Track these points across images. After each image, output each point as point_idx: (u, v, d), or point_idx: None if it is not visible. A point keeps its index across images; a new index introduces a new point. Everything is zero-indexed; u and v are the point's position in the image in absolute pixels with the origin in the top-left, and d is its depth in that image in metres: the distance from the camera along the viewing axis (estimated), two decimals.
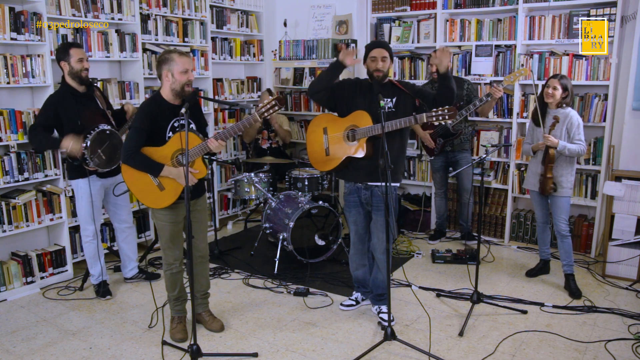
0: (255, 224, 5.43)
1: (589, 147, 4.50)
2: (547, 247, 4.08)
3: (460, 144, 4.69)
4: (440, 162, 4.81)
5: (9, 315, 3.57)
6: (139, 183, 3.01)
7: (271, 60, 6.01)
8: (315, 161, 3.43)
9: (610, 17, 4.24)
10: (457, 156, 4.72)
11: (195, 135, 2.97)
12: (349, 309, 3.58)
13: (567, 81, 3.72)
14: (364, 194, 3.33)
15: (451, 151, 4.71)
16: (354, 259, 3.57)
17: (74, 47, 3.59)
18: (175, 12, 4.91)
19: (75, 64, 3.55)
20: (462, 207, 4.87)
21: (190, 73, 2.96)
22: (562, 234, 3.80)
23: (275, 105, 2.90)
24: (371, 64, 3.23)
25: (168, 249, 3.14)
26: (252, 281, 4.11)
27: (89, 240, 3.78)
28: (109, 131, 3.61)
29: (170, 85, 2.95)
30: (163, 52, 2.99)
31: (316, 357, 3.02)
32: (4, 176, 3.72)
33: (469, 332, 3.27)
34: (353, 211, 3.42)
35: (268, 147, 5.30)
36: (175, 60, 2.91)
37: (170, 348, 3.10)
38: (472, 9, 4.90)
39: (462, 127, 4.61)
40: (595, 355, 3.00)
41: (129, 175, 3.02)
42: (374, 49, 3.23)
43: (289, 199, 4.45)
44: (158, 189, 3.00)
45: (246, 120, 2.95)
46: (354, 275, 3.62)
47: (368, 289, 3.59)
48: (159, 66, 2.95)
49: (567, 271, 3.84)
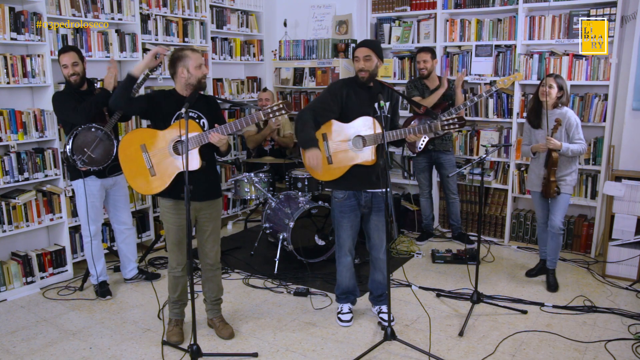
0: (255, 224, 5.43)
1: (589, 147, 4.51)
2: (547, 247, 4.07)
3: (442, 143, 4.68)
4: (424, 163, 4.81)
5: (9, 315, 3.57)
6: (132, 165, 3.01)
7: (271, 60, 6.01)
8: (318, 173, 3.21)
9: (610, 17, 4.24)
10: (441, 157, 4.71)
11: (196, 124, 2.97)
12: (348, 324, 3.38)
13: (562, 80, 3.73)
14: (364, 196, 3.24)
15: (434, 150, 4.69)
16: (348, 268, 3.37)
17: (62, 52, 3.57)
18: (175, 12, 4.91)
19: (62, 70, 3.57)
20: (449, 206, 4.88)
21: (204, 67, 3.02)
22: (557, 231, 3.81)
23: (283, 109, 2.90)
24: (356, 64, 3.16)
25: (172, 252, 3.13)
26: (252, 281, 4.11)
27: (88, 240, 3.78)
28: (93, 128, 3.55)
29: (187, 81, 2.97)
30: (176, 50, 3.01)
31: (316, 357, 3.02)
32: (4, 176, 3.72)
33: (469, 332, 3.27)
34: (351, 215, 3.26)
35: (269, 148, 5.30)
36: (189, 56, 2.96)
37: (170, 348, 3.10)
38: (472, 9, 4.90)
39: None
40: (595, 355, 3.00)
41: (125, 155, 3.03)
42: (357, 49, 3.17)
43: (289, 199, 4.45)
44: (149, 173, 2.99)
45: (249, 117, 2.94)
46: (346, 286, 3.41)
47: (356, 293, 3.50)
48: (174, 64, 2.97)
49: (551, 266, 3.92)
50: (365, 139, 3.12)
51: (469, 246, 4.74)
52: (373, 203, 3.26)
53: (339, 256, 3.39)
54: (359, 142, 3.14)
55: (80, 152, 3.52)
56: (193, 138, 2.91)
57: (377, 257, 3.36)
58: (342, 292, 3.44)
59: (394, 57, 5.39)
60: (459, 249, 4.64)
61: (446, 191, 4.85)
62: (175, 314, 3.26)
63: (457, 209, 4.85)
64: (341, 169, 3.16)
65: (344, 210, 3.25)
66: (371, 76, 3.15)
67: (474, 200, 5.06)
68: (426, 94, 4.64)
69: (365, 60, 3.12)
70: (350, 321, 3.38)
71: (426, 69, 4.59)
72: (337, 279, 3.44)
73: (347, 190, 3.23)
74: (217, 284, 3.28)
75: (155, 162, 2.99)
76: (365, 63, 3.12)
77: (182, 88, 3.02)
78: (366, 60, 3.12)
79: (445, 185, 4.83)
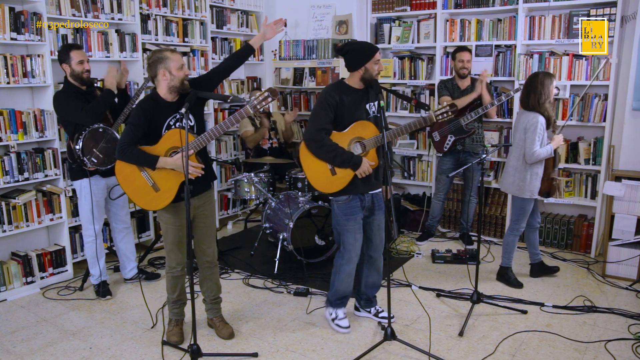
0: (255, 224, 5.43)
1: (589, 147, 4.52)
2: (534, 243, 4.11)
3: (471, 144, 4.60)
4: (449, 164, 4.71)
5: (9, 315, 3.57)
6: (134, 185, 2.95)
7: (271, 60, 6.01)
8: (320, 185, 3.10)
9: (610, 17, 4.24)
10: (469, 160, 4.58)
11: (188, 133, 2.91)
12: (348, 330, 3.30)
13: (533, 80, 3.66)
14: (367, 198, 3.19)
15: (462, 151, 4.63)
16: (350, 274, 3.25)
17: (74, 49, 3.58)
18: (175, 12, 4.91)
19: (76, 66, 3.55)
20: (464, 205, 4.86)
21: (185, 68, 2.93)
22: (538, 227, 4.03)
23: (269, 97, 2.82)
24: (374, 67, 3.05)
25: (171, 251, 3.10)
26: (252, 281, 4.11)
27: (91, 240, 3.78)
28: (101, 129, 3.59)
29: (169, 83, 2.88)
30: (154, 52, 2.91)
31: (316, 357, 3.02)
32: (4, 176, 3.72)
33: (469, 332, 3.27)
34: (357, 217, 3.14)
35: (269, 147, 5.30)
36: (170, 57, 2.86)
37: (170, 348, 3.10)
38: (472, 9, 4.89)
39: (475, 126, 4.56)
40: (595, 355, 3.00)
41: (123, 177, 2.96)
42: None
43: (289, 199, 4.45)
44: (153, 190, 2.94)
45: (238, 113, 2.87)
46: (344, 291, 3.30)
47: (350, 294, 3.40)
48: (153, 66, 2.88)
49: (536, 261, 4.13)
50: (365, 144, 3.09)
51: (468, 247, 4.75)
52: (374, 203, 3.23)
53: (341, 263, 3.22)
54: (358, 147, 3.09)
55: (90, 153, 3.54)
56: (191, 145, 2.86)
57: (377, 258, 3.33)
58: (340, 297, 3.33)
59: (394, 57, 5.39)
60: (459, 249, 4.64)
61: (465, 190, 4.83)
62: (175, 314, 3.25)
63: (473, 210, 4.83)
64: (346, 178, 3.07)
65: (349, 212, 3.13)
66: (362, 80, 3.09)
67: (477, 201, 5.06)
68: (456, 94, 4.58)
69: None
70: (349, 327, 3.30)
71: (467, 68, 4.54)
72: (335, 285, 3.29)
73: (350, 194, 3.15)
74: (215, 282, 3.26)
75: (156, 178, 2.93)
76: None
77: (166, 92, 2.92)
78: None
79: (466, 185, 4.80)
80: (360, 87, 3.10)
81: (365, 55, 3.02)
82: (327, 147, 3.01)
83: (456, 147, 4.62)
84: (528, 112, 3.67)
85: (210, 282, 3.24)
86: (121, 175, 2.97)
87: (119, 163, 2.96)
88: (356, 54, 3.03)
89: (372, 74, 3.05)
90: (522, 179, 3.72)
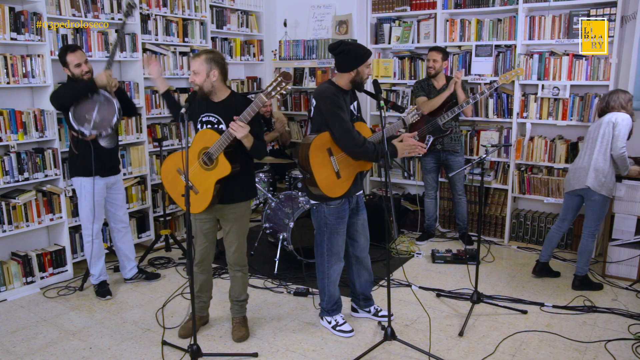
0: (255, 224, 5.43)
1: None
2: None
3: (450, 143, 4.66)
4: (431, 164, 4.80)
5: (9, 315, 3.57)
6: (178, 190, 3.08)
7: (271, 60, 6.01)
8: (329, 188, 3.01)
9: (610, 17, 4.24)
10: (449, 159, 4.71)
11: (212, 132, 2.91)
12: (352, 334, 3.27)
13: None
14: (353, 200, 3.21)
15: (442, 150, 4.69)
16: (339, 273, 3.26)
17: (70, 52, 3.53)
18: (175, 12, 4.91)
19: (73, 69, 3.54)
20: (456, 206, 4.88)
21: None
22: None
23: (282, 82, 2.76)
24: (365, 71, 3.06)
25: (194, 245, 3.16)
26: (252, 281, 4.11)
27: (91, 240, 3.78)
28: (89, 94, 3.50)
29: (212, 83, 2.92)
30: (219, 54, 2.96)
31: (316, 357, 3.02)
32: (4, 176, 3.72)
33: (469, 332, 3.27)
34: (346, 219, 3.18)
35: (270, 148, 5.31)
36: (225, 66, 2.95)
37: (170, 348, 3.10)
38: (472, 9, 4.89)
39: (452, 125, 4.61)
40: (595, 355, 3.00)
41: (168, 183, 3.15)
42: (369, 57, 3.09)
43: (289, 199, 4.45)
44: (192, 192, 2.96)
45: (254, 102, 2.83)
46: (336, 296, 3.29)
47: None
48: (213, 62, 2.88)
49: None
50: None
51: (468, 247, 4.75)
52: (358, 204, 3.27)
53: (329, 266, 3.18)
54: None
55: (84, 120, 3.48)
56: (216, 146, 2.87)
57: (365, 257, 3.35)
58: (334, 302, 3.29)
59: (394, 57, 5.39)
60: (459, 249, 4.64)
61: (452, 191, 4.85)
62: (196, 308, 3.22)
63: (464, 209, 4.83)
64: (349, 181, 3.09)
65: (341, 215, 3.12)
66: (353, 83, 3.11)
67: (474, 200, 5.06)
68: (432, 94, 4.63)
69: None
70: (353, 330, 3.26)
71: (434, 68, 4.59)
72: (328, 291, 3.25)
73: (343, 197, 3.12)
74: (238, 285, 3.26)
75: (194, 180, 2.97)
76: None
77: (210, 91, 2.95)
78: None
79: (452, 186, 4.82)
80: (348, 89, 3.10)
81: (359, 58, 3.01)
82: (363, 146, 2.98)
83: (435, 146, 4.68)
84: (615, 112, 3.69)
85: (233, 283, 3.27)
86: (166, 181, 3.14)
87: (163, 171, 3.12)
88: (350, 56, 3.01)
89: (363, 77, 3.05)
90: (611, 179, 3.73)
